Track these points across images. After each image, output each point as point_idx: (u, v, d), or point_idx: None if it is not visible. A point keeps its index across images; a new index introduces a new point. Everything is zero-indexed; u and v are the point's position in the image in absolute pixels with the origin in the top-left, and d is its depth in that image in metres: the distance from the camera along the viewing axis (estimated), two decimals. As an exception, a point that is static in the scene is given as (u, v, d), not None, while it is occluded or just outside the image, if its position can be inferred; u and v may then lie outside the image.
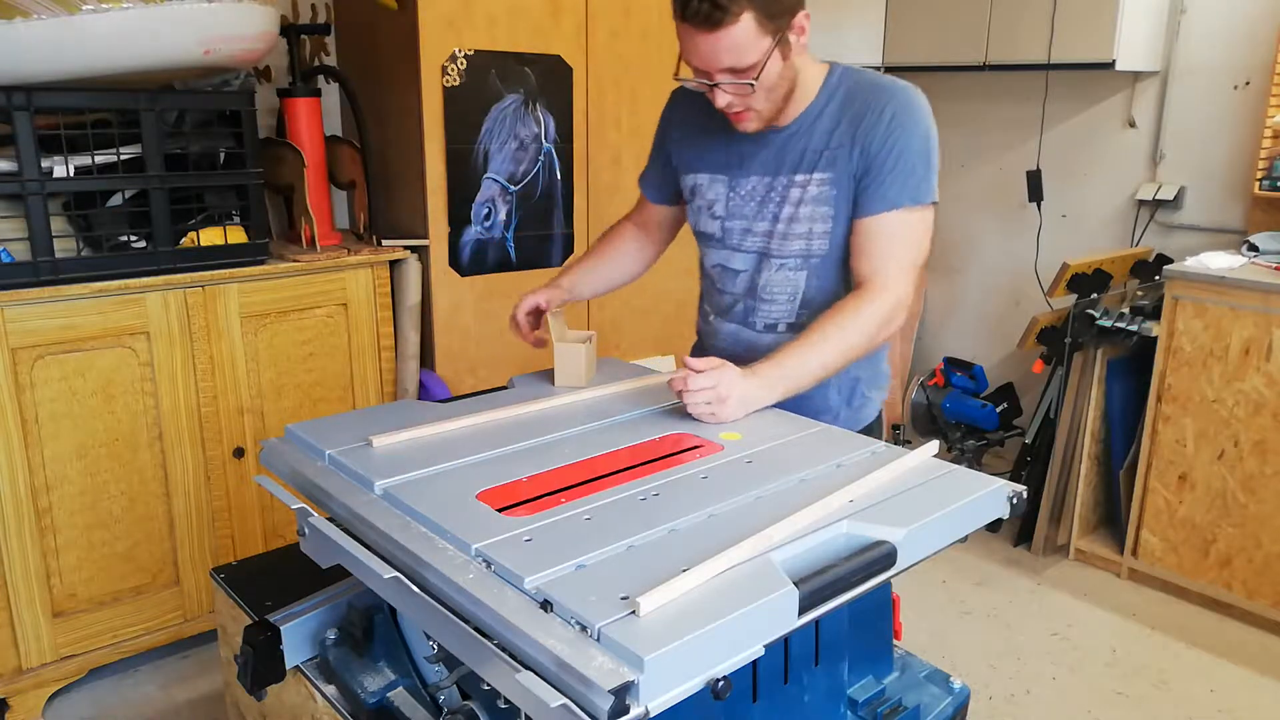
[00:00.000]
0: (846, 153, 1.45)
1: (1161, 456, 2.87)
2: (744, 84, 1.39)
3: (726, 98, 1.43)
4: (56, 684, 2.25)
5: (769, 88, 1.41)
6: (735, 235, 1.58)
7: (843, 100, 1.47)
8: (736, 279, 1.61)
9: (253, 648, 1.23)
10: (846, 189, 1.46)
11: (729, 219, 1.58)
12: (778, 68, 1.39)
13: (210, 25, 2.05)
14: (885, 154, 1.42)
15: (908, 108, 1.44)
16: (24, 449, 2.09)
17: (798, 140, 1.50)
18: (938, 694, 1.22)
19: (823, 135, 1.48)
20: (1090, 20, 3.09)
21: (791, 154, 1.50)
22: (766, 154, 1.53)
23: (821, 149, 1.47)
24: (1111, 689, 2.44)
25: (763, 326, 1.60)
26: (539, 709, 0.78)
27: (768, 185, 1.53)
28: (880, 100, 1.44)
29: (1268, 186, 3.02)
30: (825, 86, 1.49)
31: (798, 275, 1.54)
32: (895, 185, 1.43)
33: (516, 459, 1.22)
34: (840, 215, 1.48)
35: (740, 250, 1.59)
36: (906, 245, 1.46)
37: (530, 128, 2.71)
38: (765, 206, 1.53)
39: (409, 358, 2.65)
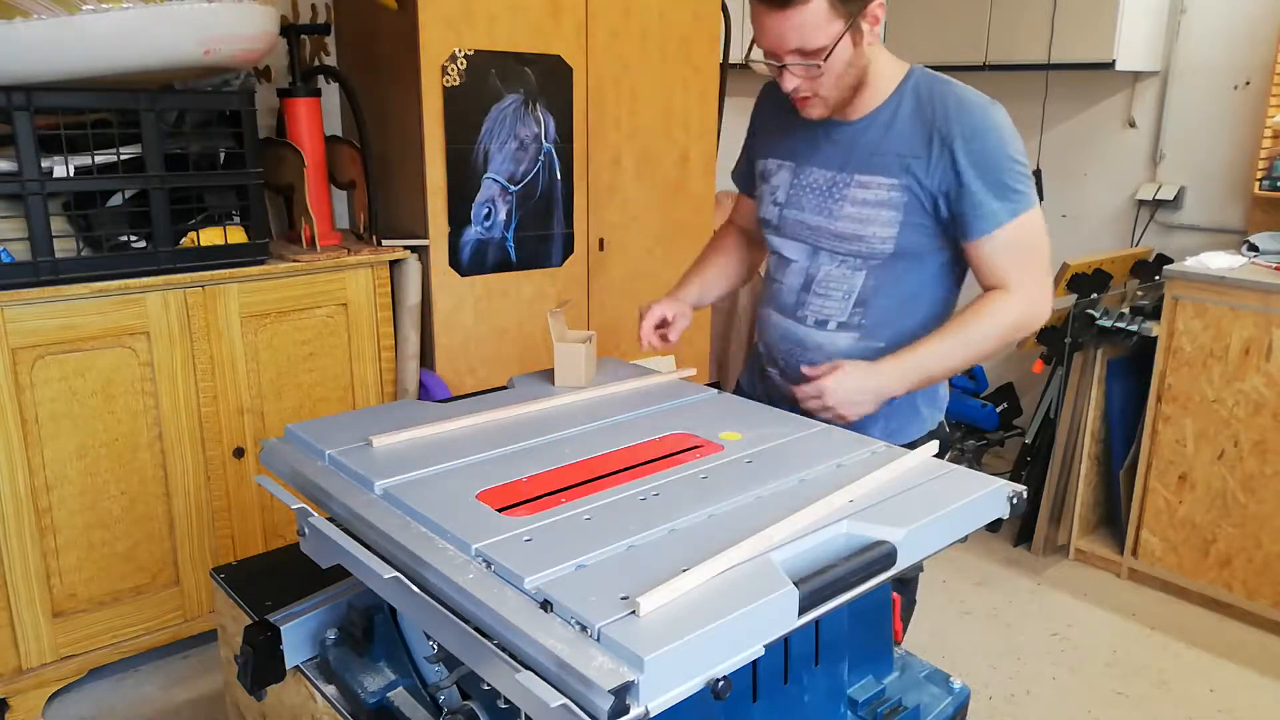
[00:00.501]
0: (925, 165, 1.44)
1: (1161, 456, 2.87)
2: (811, 65, 1.38)
3: (793, 80, 1.42)
4: (56, 684, 2.25)
5: (837, 74, 1.41)
6: (789, 224, 1.58)
7: (919, 105, 1.46)
8: (790, 269, 1.60)
9: (253, 648, 1.22)
10: (922, 199, 1.45)
11: (787, 206, 1.58)
12: (847, 54, 1.39)
13: (210, 25, 2.05)
14: (976, 177, 1.41)
15: (991, 126, 1.43)
16: (24, 449, 2.09)
17: (867, 138, 1.48)
18: (938, 694, 1.22)
19: (897, 139, 1.46)
20: (1090, 20, 3.09)
21: (859, 151, 1.49)
22: (833, 147, 1.52)
23: (894, 153, 1.46)
24: (1111, 689, 2.44)
25: (813, 322, 1.58)
26: (539, 709, 0.78)
27: (830, 179, 1.52)
28: (964, 119, 1.42)
29: (1268, 186, 3.02)
30: (901, 87, 1.48)
31: (855, 274, 1.52)
32: (996, 202, 1.42)
33: (516, 459, 1.22)
34: (910, 222, 1.46)
35: (795, 239, 1.58)
36: (1027, 251, 1.46)
37: (530, 128, 2.71)
38: (824, 200, 1.52)
39: (409, 358, 2.65)
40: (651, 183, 3.03)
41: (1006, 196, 1.43)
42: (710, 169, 3.17)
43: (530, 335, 2.85)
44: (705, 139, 3.13)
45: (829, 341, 1.57)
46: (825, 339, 1.57)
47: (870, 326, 1.54)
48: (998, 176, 1.42)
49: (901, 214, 1.46)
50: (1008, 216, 1.43)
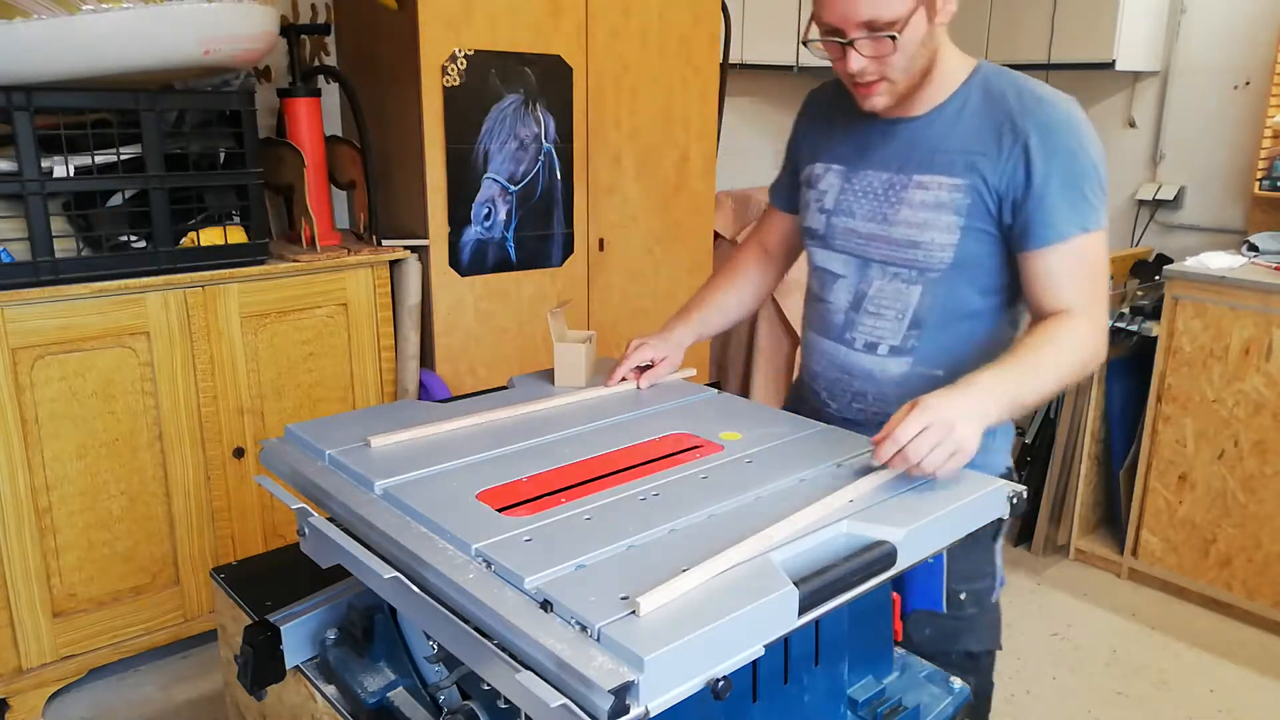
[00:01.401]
0: (993, 165, 1.30)
1: (1161, 456, 2.87)
2: (884, 38, 1.24)
3: (860, 60, 1.27)
4: (56, 684, 2.25)
5: (910, 55, 1.27)
6: (838, 233, 1.44)
7: (988, 100, 1.32)
8: (837, 285, 1.46)
9: (253, 648, 1.22)
10: (987, 202, 1.31)
11: (836, 213, 1.44)
12: (921, 31, 1.26)
13: (210, 25, 2.05)
14: (1050, 178, 1.27)
15: (1072, 124, 1.29)
16: (24, 449, 2.09)
17: (930, 136, 1.35)
18: (938, 694, 1.22)
19: (963, 136, 1.32)
20: (1090, 20, 3.09)
21: (920, 150, 1.36)
22: (891, 146, 1.38)
23: (959, 150, 1.32)
24: (1111, 689, 2.44)
25: (862, 345, 1.43)
26: (539, 709, 0.78)
27: (886, 181, 1.38)
28: (1042, 115, 1.29)
29: (1268, 186, 3.02)
30: (968, 82, 1.35)
31: (911, 289, 1.37)
32: (1068, 212, 1.27)
33: (516, 459, 1.22)
34: (972, 228, 1.32)
35: (841, 251, 1.44)
36: (1093, 275, 1.30)
37: (530, 128, 2.71)
38: (879, 205, 1.38)
39: (409, 358, 2.65)
40: (651, 183, 3.03)
41: (1080, 206, 1.28)
42: (710, 169, 3.17)
43: (530, 335, 2.85)
44: (705, 139, 3.13)
45: (879, 368, 1.42)
46: (875, 365, 1.42)
47: (925, 351, 1.39)
48: (1074, 181, 1.27)
49: (964, 218, 1.32)
50: (1078, 229, 1.28)
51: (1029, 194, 1.28)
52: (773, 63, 3.57)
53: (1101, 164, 1.30)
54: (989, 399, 1.17)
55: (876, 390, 1.43)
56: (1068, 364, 1.26)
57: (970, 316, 1.38)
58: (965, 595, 1.39)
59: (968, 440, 1.11)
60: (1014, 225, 1.31)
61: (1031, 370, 1.23)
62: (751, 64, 3.52)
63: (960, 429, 1.10)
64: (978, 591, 1.42)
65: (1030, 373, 1.23)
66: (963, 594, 1.39)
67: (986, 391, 1.17)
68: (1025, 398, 1.22)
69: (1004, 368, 1.22)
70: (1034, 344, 1.26)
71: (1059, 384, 1.27)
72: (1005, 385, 1.20)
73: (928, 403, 1.12)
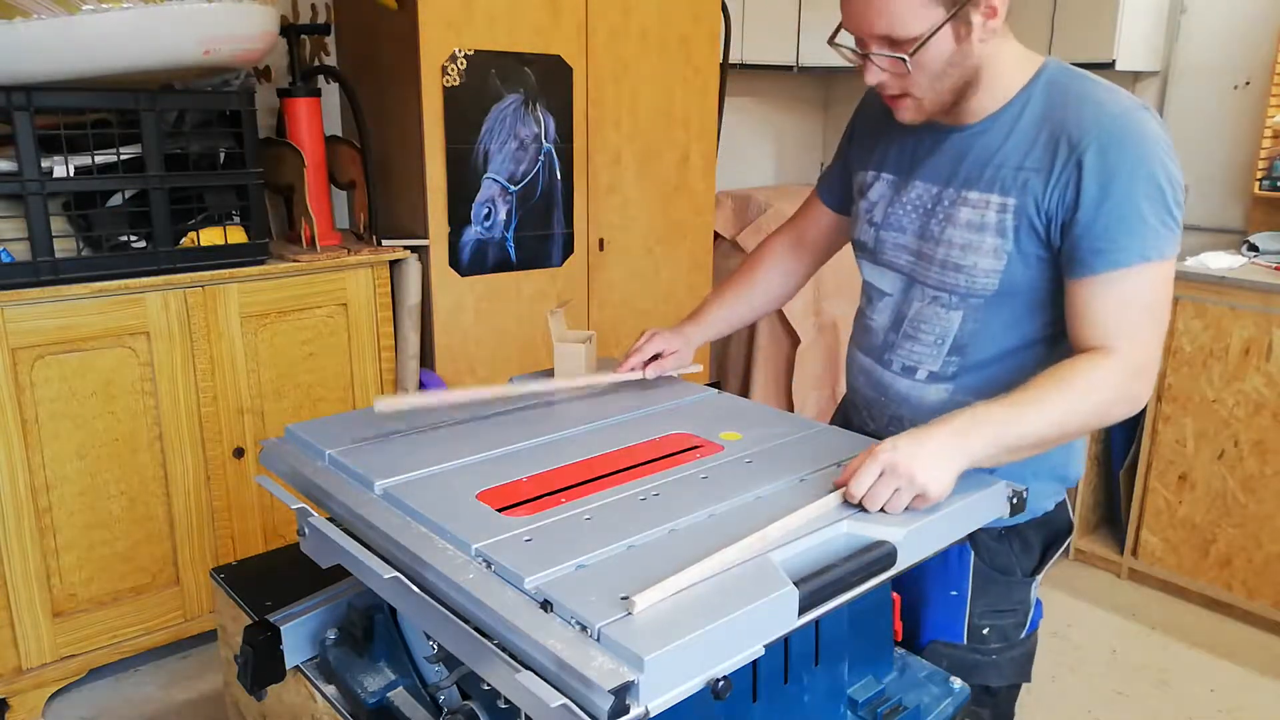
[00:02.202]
0: (1043, 181, 1.17)
1: (1161, 456, 2.87)
2: (896, 58, 1.14)
3: (876, 75, 1.19)
4: (56, 684, 2.25)
5: (933, 74, 1.17)
6: (887, 249, 1.35)
7: (1050, 106, 1.20)
8: (881, 303, 1.38)
9: (253, 648, 1.22)
10: (1036, 225, 1.19)
11: (884, 227, 1.34)
12: (948, 50, 1.15)
13: (210, 25, 2.05)
14: (1105, 197, 1.13)
15: (1134, 131, 1.14)
16: (24, 449, 2.09)
17: (980, 147, 1.24)
18: (938, 694, 1.22)
19: (1016, 149, 1.20)
20: (1090, 20, 3.09)
21: (971, 163, 1.24)
22: (942, 157, 1.27)
23: (1011, 165, 1.20)
24: (1111, 689, 2.44)
25: (900, 368, 1.35)
26: (539, 709, 0.78)
27: (935, 196, 1.28)
28: (1101, 124, 1.15)
29: (1268, 186, 3.02)
30: (1029, 86, 1.22)
31: (951, 314, 1.27)
32: (1122, 237, 1.13)
33: (516, 459, 1.22)
34: (1022, 254, 1.21)
35: (890, 268, 1.35)
36: (1144, 308, 1.15)
37: (530, 128, 2.71)
38: (927, 220, 1.28)
39: (409, 358, 2.65)
40: (651, 183, 3.03)
41: (1139, 231, 1.13)
42: (710, 169, 3.17)
43: (530, 335, 2.85)
44: (705, 139, 3.13)
45: (915, 394, 1.33)
46: (912, 390, 1.34)
47: (969, 381, 1.29)
48: (1134, 201, 1.13)
49: (1011, 242, 1.20)
50: (1136, 258, 1.13)
51: (1079, 215, 1.15)
52: (773, 63, 3.57)
53: (1174, 184, 1.15)
54: (965, 441, 1.07)
55: (913, 416, 1.33)
56: (1079, 409, 1.13)
57: (1024, 348, 1.27)
58: (989, 630, 1.33)
59: (931, 485, 1.03)
60: (1063, 249, 1.18)
61: (1030, 412, 1.11)
62: (751, 64, 3.52)
63: (921, 476, 1.03)
64: (1003, 627, 1.34)
65: (1027, 414, 1.11)
66: (986, 628, 1.32)
67: (960, 434, 1.08)
68: (1016, 441, 1.11)
69: (995, 406, 1.11)
70: (1041, 382, 1.13)
71: (1063, 429, 1.14)
72: (990, 427, 1.09)
73: (883, 448, 1.05)
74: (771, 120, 4.07)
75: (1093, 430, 1.21)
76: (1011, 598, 1.34)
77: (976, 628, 1.33)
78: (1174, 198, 1.16)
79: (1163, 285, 1.17)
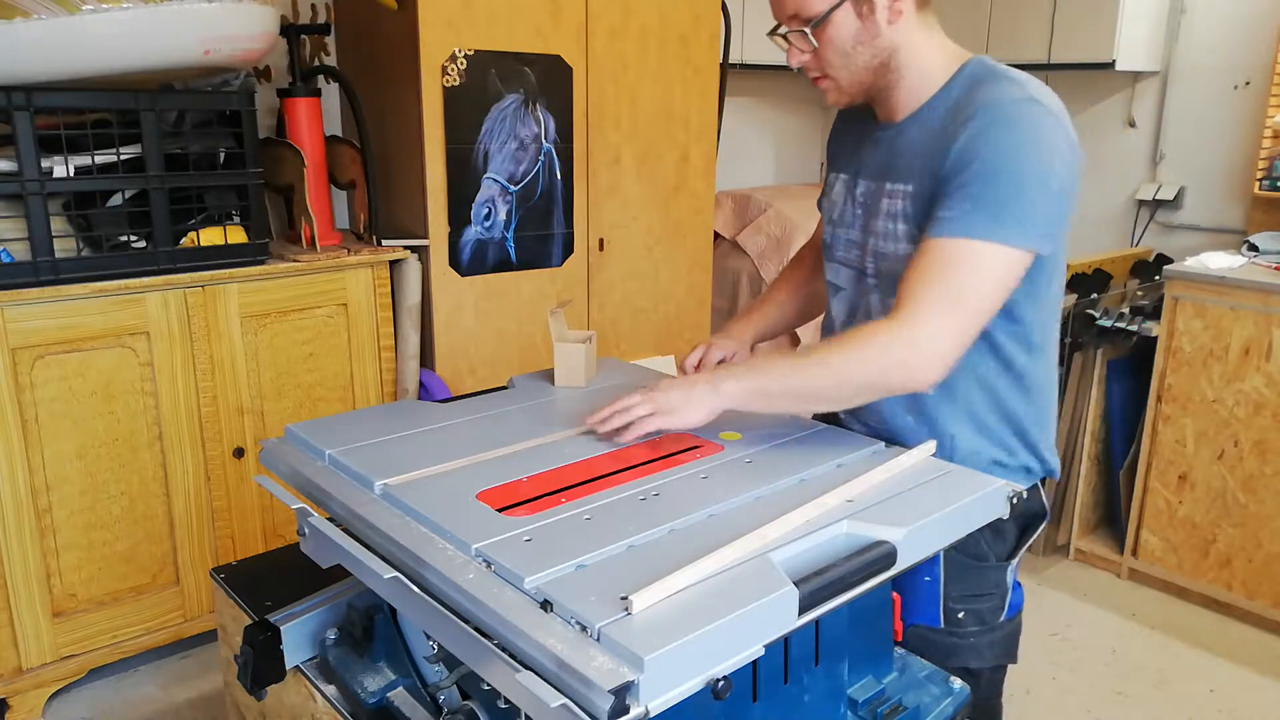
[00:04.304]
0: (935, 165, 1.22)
1: (1161, 456, 2.87)
2: (800, 32, 1.23)
3: (796, 56, 1.27)
4: (56, 684, 2.25)
5: (842, 51, 1.24)
6: (840, 245, 1.41)
7: (960, 101, 1.23)
8: (838, 298, 1.44)
9: (253, 648, 1.23)
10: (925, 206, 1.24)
11: (838, 225, 1.42)
12: (853, 27, 1.22)
13: (210, 25, 2.05)
14: (961, 170, 1.17)
15: (1009, 118, 1.16)
16: (24, 449, 2.09)
17: (906, 141, 1.29)
18: (938, 694, 1.22)
19: (927, 140, 1.25)
20: (1090, 20, 3.09)
21: (895, 157, 1.30)
22: (878, 155, 1.34)
23: (920, 155, 1.26)
24: (1111, 689, 2.44)
25: None
26: (539, 709, 0.78)
27: (871, 191, 1.34)
28: (987, 110, 1.18)
29: (1268, 186, 3.02)
30: (950, 82, 1.27)
31: (888, 301, 1.29)
32: (957, 210, 1.16)
33: (516, 459, 1.22)
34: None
35: (843, 264, 1.42)
36: (954, 281, 1.16)
37: (530, 128, 2.71)
38: (867, 215, 1.35)
39: (409, 358, 2.65)
40: (651, 183, 3.03)
41: (976, 209, 1.15)
42: (710, 169, 3.17)
43: (530, 335, 2.85)
44: (705, 139, 3.13)
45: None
46: None
47: None
48: (983, 181, 1.15)
49: (914, 227, 1.26)
50: (960, 232, 1.15)
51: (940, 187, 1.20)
52: (773, 63, 3.57)
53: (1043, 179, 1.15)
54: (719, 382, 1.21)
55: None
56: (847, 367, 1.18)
57: None
58: (964, 614, 1.35)
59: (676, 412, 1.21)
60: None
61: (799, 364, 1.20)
62: (751, 64, 3.52)
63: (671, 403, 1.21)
64: (980, 611, 1.36)
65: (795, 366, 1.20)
66: (961, 612, 1.35)
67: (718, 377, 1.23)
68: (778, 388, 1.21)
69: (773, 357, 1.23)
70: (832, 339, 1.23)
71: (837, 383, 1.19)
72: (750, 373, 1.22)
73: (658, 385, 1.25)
74: (771, 120, 4.07)
75: (879, 391, 1.22)
76: (986, 582, 1.36)
77: (952, 611, 1.35)
78: (1035, 189, 1.16)
79: (984, 269, 1.16)
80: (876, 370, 1.18)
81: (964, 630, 1.36)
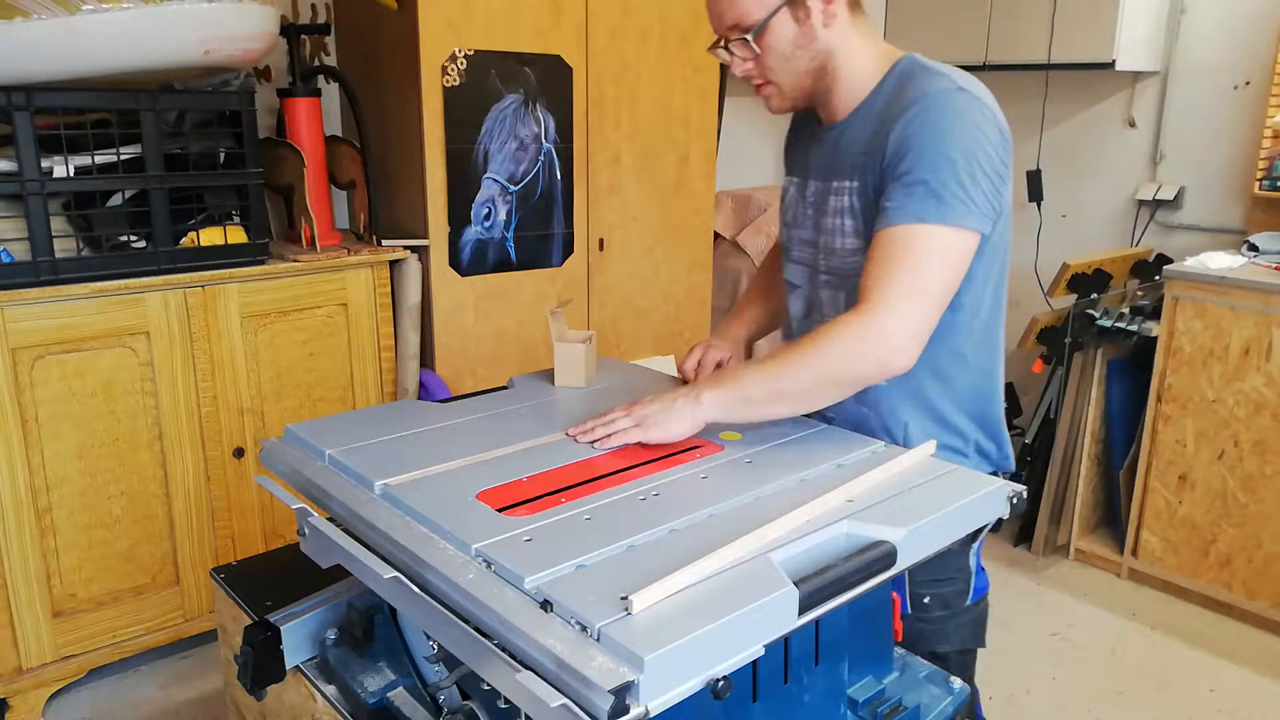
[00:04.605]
0: (873, 160, 1.27)
1: (1161, 456, 2.87)
2: (743, 40, 1.28)
3: (740, 65, 1.33)
4: (56, 684, 2.25)
5: (783, 56, 1.29)
6: (795, 245, 1.46)
7: (893, 97, 1.28)
8: (794, 295, 1.48)
9: (253, 648, 1.22)
10: (873, 202, 1.28)
11: (792, 226, 1.47)
12: (791, 32, 1.28)
13: (210, 25, 2.05)
14: (899, 162, 1.22)
15: (937, 107, 1.22)
16: (24, 449, 2.09)
17: (847, 140, 1.34)
18: (938, 694, 1.22)
19: (864, 137, 1.31)
20: (1090, 20, 3.09)
21: (838, 155, 1.35)
22: (823, 155, 1.39)
23: (858, 152, 1.31)
24: (1111, 689, 2.44)
25: None
26: (539, 709, 0.78)
27: (819, 191, 1.39)
28: (916, 102, 1.23)
29: (1268, 186, 3.02)
30: (884, 80, 1.32)
31: (838, 295, 1.38)
32: (901, 198, 1.21)
33: (516, 459, 1.22)
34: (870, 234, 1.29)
35: (798, 263, 1.46)
36: (911, 266, 1.20)
37: (530, 128, 2.71)
38: (817, 214, 1.40)
39: (409, 358, 2.65)
40: (651, 183, 3.03)
41: (921, 196, 1.20)
42: (710, 169, 3.17)
43: (530, 335, 2.85)
44: (705, 139, 3.13)
45: None
46: None
47: None
48: (921, 167, 1.20)
49: (861, 221, 1.31)
50: (910, 219, 1.20)
51: (882, 181, 1.25)
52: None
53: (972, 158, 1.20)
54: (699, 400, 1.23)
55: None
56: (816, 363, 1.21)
57: None
58: (930, 598, 1.38)
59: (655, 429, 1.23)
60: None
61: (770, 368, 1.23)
62: (751, 64, 3.51)
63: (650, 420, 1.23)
64: (944, 595, 1.39)
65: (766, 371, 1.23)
66: (926, 597, 1.38)
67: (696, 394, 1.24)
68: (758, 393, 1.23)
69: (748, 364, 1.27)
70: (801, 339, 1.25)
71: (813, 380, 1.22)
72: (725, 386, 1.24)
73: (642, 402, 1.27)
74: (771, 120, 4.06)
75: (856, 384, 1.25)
76: (949, 567, 1.38)
77: (918, 597, 1.37)
78: (970, 172, 1.20)
79: (938, 250, 1.21)
80: (851, 364, 1.21)
81: (930, 615, 1.38)
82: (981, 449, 1.42)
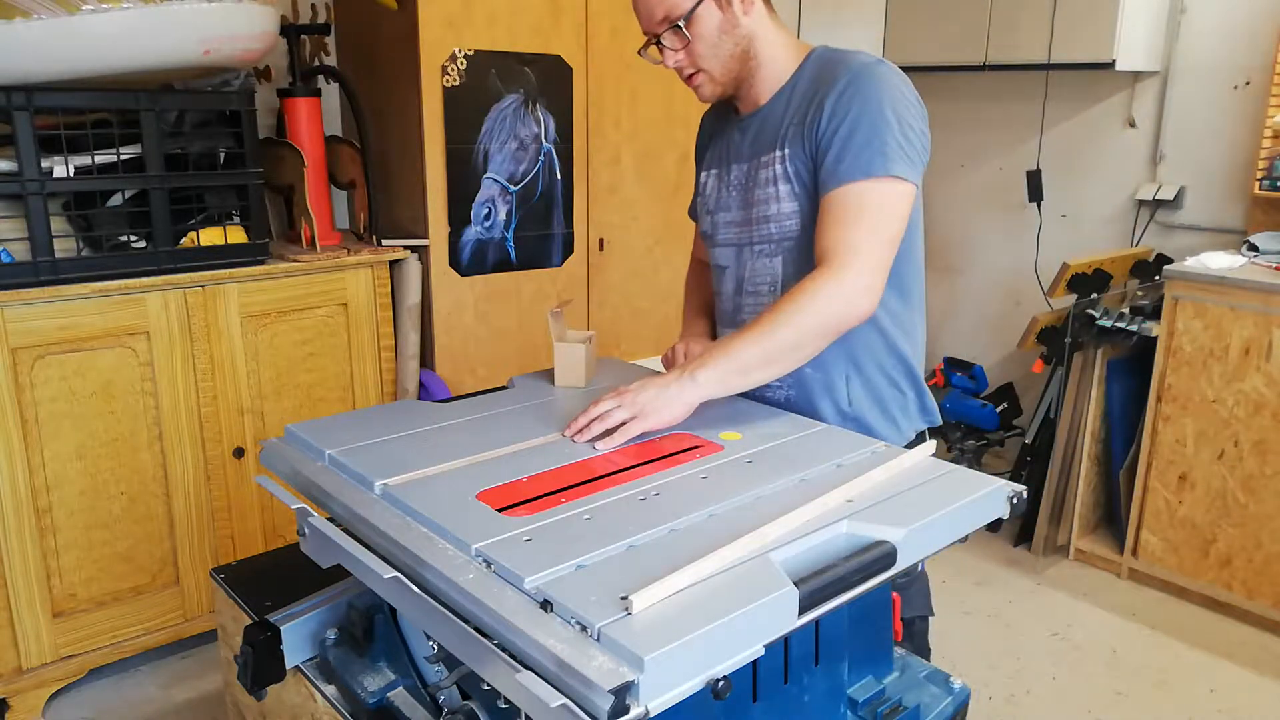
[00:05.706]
0: (804, 128, 1.38)
1: (1161, 456, 2.87)
2: (676, 29, 1.39)
3: (671, 56, 1.43)
4: (56, 684, 2.25)
5: (711, 42, 1.40)
6: (721, 228, 1.54)
7: (814, 78, 1.41)
8: (724, 276, 1.56)
9: (253, 648, 1.22)
10: (806, 166, 1.39)
11: (717, 211, 1.55)
12: (715, 20, 1.39)
13: (210, 25, 2.05)
14: (839, 126, 1.33)
15: (865, 76, 1.34)
16: (24, 449, 2.09)
17: (770, 120, 1.45)
18: (938, 694, 1.22)
19: (790, 113, 1.42)
20: (1090, 20, 3.09)
21: (763, 134, 1.46)
22: (745, 140, 1.49)
23: (786, 124, 1.42)
24: (1111, 689, 2.44)
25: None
26: (539, 709, 0.78)
27: (745, 171, 1.49)
28: (837, 72, 1.36)
29: (1268, 186, 3.02)
30: (800, 68, 1.44)
31: (774, 261, 1.47)
32: (850, 157, 1.32)
33: (516, 459, 1.22)
34: (806, 194, 1.40)
35: (726, 245, 1.54)
36: (869, 217, 1.32)
37: (530, 128, 2.71)
38: (744, 193, 1.49)
39: (409, 358, 2.65)
40: (651, 182, 3.03)
41: (865, 153, 1.31)
42: (710, 169, 3.17)
43: (530, 335, 2.85)
44: (705, 139, 3.13)
45: None
46: None
47: None
48: (860, 128, 1.31)
49: (797, 185, 1.40)
50: (859, 174, 1.31)
51: (820, 145, 1.35)
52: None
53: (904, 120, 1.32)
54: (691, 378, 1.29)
55: None
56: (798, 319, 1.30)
57: None
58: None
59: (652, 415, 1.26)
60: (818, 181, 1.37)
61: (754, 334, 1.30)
62: (751, 64, 3.52)
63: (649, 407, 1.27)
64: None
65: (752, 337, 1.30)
66: None
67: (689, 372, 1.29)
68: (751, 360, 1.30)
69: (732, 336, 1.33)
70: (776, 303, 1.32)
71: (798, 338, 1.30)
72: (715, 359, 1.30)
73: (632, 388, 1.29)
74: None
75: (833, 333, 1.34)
76: None
77: None
78: (903, 130, 1.33)
79: (891, 199, 1.33)
80: (832, 312, 1.31)
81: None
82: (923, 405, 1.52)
